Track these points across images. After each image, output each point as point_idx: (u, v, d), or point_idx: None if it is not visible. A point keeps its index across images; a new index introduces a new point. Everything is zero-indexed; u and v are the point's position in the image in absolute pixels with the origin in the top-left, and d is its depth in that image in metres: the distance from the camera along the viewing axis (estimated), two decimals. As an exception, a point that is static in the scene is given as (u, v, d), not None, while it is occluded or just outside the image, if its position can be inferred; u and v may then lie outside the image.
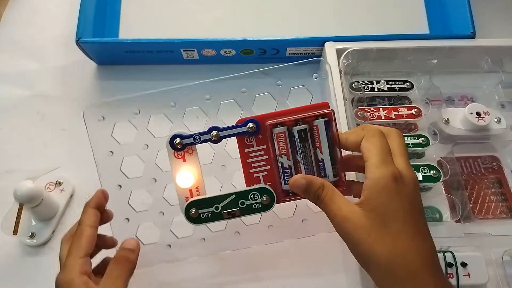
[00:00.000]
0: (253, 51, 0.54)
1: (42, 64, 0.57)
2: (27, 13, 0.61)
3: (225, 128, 0.36)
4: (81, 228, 0.36)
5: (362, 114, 0.48)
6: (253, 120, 0.35)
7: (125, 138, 0.39)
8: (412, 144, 0.46)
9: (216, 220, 0.37)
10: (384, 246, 0.30)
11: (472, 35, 0.51)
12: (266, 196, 0.36)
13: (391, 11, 0.59)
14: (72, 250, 0.35)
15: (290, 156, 0.36)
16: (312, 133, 0.35)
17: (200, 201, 0.36)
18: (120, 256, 0.37)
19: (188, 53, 0.54)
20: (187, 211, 0.36)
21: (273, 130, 0.36)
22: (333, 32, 0.52)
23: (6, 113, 0.53)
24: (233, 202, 0.36)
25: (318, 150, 0.35)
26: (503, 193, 0.47)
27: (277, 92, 0.39)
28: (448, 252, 0.41)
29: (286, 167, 0.36)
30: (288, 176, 0.36)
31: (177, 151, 0.37)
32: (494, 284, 0.41)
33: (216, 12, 0.59)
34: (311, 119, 0.35)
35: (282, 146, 0.35)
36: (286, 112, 0.36)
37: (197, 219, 0.37)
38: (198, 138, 0.36)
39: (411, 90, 0.51)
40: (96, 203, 0.38)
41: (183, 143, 0.36)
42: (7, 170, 0.50)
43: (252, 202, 0.36)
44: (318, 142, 0.35)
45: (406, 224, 0.30)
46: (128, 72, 0.56)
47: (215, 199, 0.36)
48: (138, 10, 0.59)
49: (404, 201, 0.31)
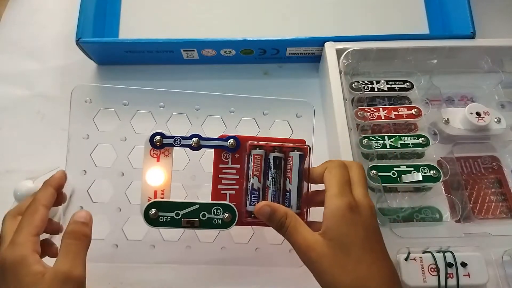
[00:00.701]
0: (253, 51, 0.54)
1: (42, 64, 0.57)
2: (27, 13, 0.61)
3: (207, 138, 0.37)
4: (36, 205, 0.34)
5: (362, 114, 0.48)
6: (235, 138, 0.37)
7: (106, 126, 0.39)
8: (412, 144, 0.46)
9: (173, 226, 0.36)
10: (347, 274, 0.31)
11: (472, 35, 0.51)
12: (229, 213, 0.36)
13: (391, 11, 0.59)
14: (23, 227, 0.32)
15: (261, 179, 0.37)
16: (286, 163, 0.37)
17: (162, 203, 0.36)
18: (74, 230, 0.33)
19: (188, 53, 0.54)
20: (147, 210, 0.36)
21: (252, 151, 0.37)
22: (333, 32, 0.52)
23: (6, 113, 0.54)
24: (195, 212, 0.36)
25: (288, 180, 0.37)
26: (503, 193, 0.47)
27: (262, 120, 0.41)
28: (448, 252, 0.41)
29: (255, 188, 0.37)
30: (255, 198, 0.37)
31: (155, 149, 0.37)
32: (494, 284, 0.41)
33: (216, 12, 0.59)
34: (288, 150, 0.37)
35: (256, 168, 0.37)
36: (266, 139, 0.38)
37: (154, 221, 0.36)
38: (179, 140, 0.37)
39: (411, 90, 0.51)
40: (58, 183, 0.36)
41: (163, 142, 0.37)
42: (7, 170, 0.50)
43: (213, 217, 0.36)
44: (289, 173, 0.37)
45: (364, 251, 0.32)
46: (128, 72, 0.56)
47: (178, 205, 0.36)
48: (138, 10, 0.59)
49: (360, 229, 0.32)
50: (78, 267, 0.32)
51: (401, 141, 0.46)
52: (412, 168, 0.45)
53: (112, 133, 0.39)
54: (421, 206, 0.45)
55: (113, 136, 0.39)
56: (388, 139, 0.47)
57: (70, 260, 0.32)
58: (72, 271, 0.31)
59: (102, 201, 0.39)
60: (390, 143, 0.46)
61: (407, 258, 0.40)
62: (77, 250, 0.32)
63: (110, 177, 0.39)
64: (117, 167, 0.39)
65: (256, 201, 0.37)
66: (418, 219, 0.44)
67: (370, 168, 0.44)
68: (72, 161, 0.38)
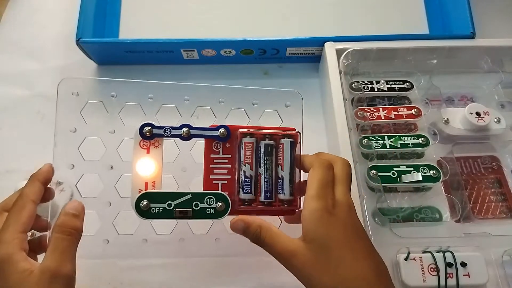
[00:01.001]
0: (253, 51, 0.54)
1: (42, 64, 0.57)
2: (27, 13, 0.61)
3: (197, 128, 0.37)
4: (23, 201, 0.32)
5: (362, 114, 0.48)
6: (225, 127, 0.37)
7: (94, 119, 0.39)
8: (412, 144, 0.46)
9: (166, 217, 0.35)
10: (329, 277, 0.31)
11: (472, 35, 0.51)
12: (222, 202, 0.36)
13: (391, 11, 0.59)
14: (10, 224, 0.31)
15: (253, 166, 0.37)
16: (277, 150, 0.37)
17: (154, 194, 0.35)
18: (64, 223, 0.32)
19: (188, 53, 0.54)
20: (138, 202, 0.35)
21: (243, 139, 0.37)
22: (333, 32, 0.52)
23: (6, 113, 0.54)
24: (187, 202, 0.35)
25: (280, 167, 0.37)
26: (503, 193, 0.47)
27: (251, 110, 0.41)
28: (448, 252, 0.41)
29: (248, 176, 0.37)
30: (248, 186, 0.36)
31: (145, 140, 0.36)
32: (493, 284, 0.41)
33: (216, 12, 0.59)
34: (279, 137, 0.37)
35: (248, 155, 0.37)
36: (257, 128, 0.38)
37: (146, 213, 0.35)
38: (169, 131, 0.36)
39: (411, 90, 0.51)
40: (45, 177, 0.34)
41: (152, 132, 0.36)
42: (7, 170, 0.50)
43: (206, 206, 0.35)
44: (281, 160, 0.37)
45: (344, 250, 0.31)
46: (128, 72, 0.56)
47: (170, 195, 0.35)
48: (138, 10, 0.59)
49: (339, 229, 0.32)
50: (67, 263, 0.30)
51: (401, 141, 0.47)
52: (412, 168, 0.45)
53: (100, 126, 0.39)
54: (421, 206, 0.45)
55: (101, 129, 0.39)
56: (388, 139, 0.47)
57: (58, 256, 0.30)
58: (61, 268, 0.30)
59: (91, 195, 0.39)
60: (390, 143, 0.47)
61: (407, 258, 0.40)
62: (66, 245, 0.31)
63: (99, 170, 0.39)
64: (106, 161, 0.39)
65: (249, 189, 0.36)
66: (418, 219, 0.44)
67: (370, 168, 0.44)
68: (60, 155, 0.37)
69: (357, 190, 0.42)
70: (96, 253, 0.40)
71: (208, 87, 0.40)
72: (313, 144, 0.51)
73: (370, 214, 0.43)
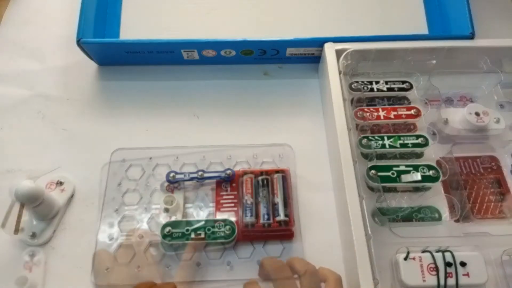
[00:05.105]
0: (253, 52, 0.54)
1: (42, 64, 0.57)
2: (27, 13, 0.61)
3: (209, 171, 0.48)
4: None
5: (362, 114, 0.48)
6: (231, 169, 0.47)
7: (134, 174, 0.49)
8: (411, 144, 0.46)
9: (184, 239, 0.43)
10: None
11: (471, 36, 0.52)
12: (229, 227, 0.44)
13: (390, 11, 0.59)
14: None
15: (253, 196, 0.46)
16: (272, 183, 0.46)
17: (175, 222, 0.44)
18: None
19: (188, 54, 0.54)
20: (164, 228, 0.44)
21: (244, 176, 0.47)
22: (332, 32, 0.52)
23: (6, 113, 0.54)
24: (201, 227, 0.44)
25: (275, 195, 0.46)
26: (502, 193, 0.47)
27: (253, 162, 0.50)
28: (447, 251, 0.41)
29: (249, 203, 0.45)
30: (249, 210, 0.45)
31: (170, 183, 0.47)
32: (493, 283, 0.41)
33: (216, 13, 0.59)
34: (272, 173, 0.47)
35: (248, 188, 0.46)
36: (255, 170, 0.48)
37: (169, 236, 0.43)
38: (188, 174, 0.47)
39: (410, 90, 0.51)
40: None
41: (175, 176, 0.47)
42: (8, 170, 0.50)
43: (217, 230, 0.44)
44: (276, 190, 0.46)
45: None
46: (128, 73, 0.56)
47: (188, 223, 0.44)
48: (138, 10, 0.59)
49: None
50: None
51: (400, 141, 0.47)
52: (411, 168, 0.45)
53: (139, 180, 0.49)
54: (420, 206, 0.45)
55: (139, 182, 0.49)
56: (387, 139, 0.47)
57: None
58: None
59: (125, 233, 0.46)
60: (390, 143, 0.47)
61: (406, 258, 0.40)
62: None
63: (136, 213, 0.47)
64: (142, 205, 0.48)
65: (250, 213, 0.44)
66: (417, 218, 0.44)
67: (369, 168, 0.44)
68: (108, 203, 0.47)
69: (356, 190, 0.42)
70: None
71: (219, 146, 0.51)
72: (313, 144, 0.51)
73: (370, 214, 0.43)
